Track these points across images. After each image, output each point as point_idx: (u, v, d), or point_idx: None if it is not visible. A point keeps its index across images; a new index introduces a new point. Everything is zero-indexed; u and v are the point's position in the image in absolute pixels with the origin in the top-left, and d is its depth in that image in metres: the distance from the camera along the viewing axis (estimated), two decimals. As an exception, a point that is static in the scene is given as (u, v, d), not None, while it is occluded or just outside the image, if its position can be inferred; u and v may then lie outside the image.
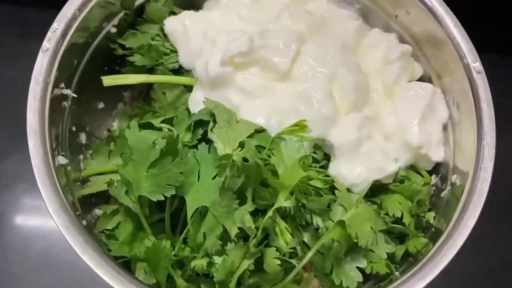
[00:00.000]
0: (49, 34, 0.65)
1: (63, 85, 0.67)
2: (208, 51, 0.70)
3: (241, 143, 0.62)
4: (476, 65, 0.66)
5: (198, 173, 0.62)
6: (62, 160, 0.66)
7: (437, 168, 0.73)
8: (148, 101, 0.79)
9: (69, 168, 0.68)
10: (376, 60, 0.74)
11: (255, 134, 0.64)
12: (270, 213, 0.60)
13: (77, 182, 0.71)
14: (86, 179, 0.73)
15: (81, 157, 0.74)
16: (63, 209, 0.59)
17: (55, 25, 0.65)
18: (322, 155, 0.68)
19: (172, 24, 0.75)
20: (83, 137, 0.75)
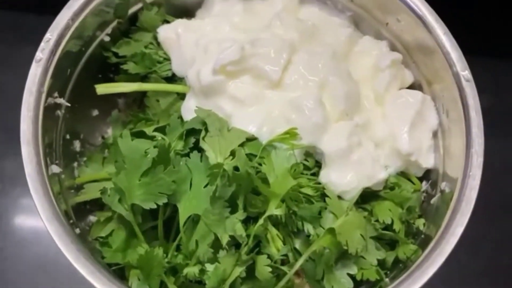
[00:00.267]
0: (42, 44, 0.65)
1: (56, 94, 0.68)
2: (200, 60, 0.70)
3: (233, 152, 0.63)
4: (465, 73, 0.67)
5: (190, 181, 0.62)
6: (55, 169, 0.66)
7: (428, 174, 0.74)
8: (142, 108, 0.80)
9: (63, 176, 0.69)
10: (367, 67, 0.74)
11: (246, 142, 0.65)
12: (261, 221, 0.61)
13: (71, 189, 0.71)
14: (80, 186, 0.73)
15: (75, 164, 0.75)
16: (56, 218, 0.59)
17: (48, 35, 0.66)
18: (313, 162, 0.68)
19: (165, 32, 0.76)
20: (77, 145, 0.76)
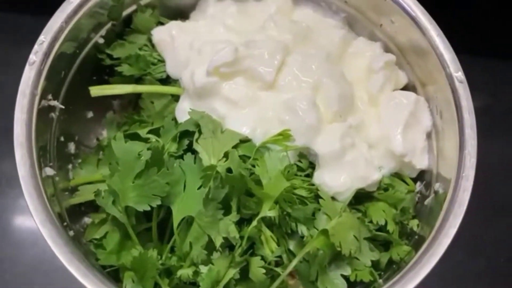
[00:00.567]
0: (36, 47, 0.65)
1: (50, 97, 0.68)
2: (194, 61, 0.70)
3: (226, 154, 0.63)
4: (458, 74, 0.67)
5: (184, 183, 0.63)
6: (49, 171, 0.66)
7: (422, 175, 0.74)
8: (137, 109, 0.80)
9: (57, 178, 0.69)
10: (361, 68, 0.74)
11: (240, 144, 0.65)
12: (255, 223, 0.61)
13: (66, 191, 0.72)
14: (75, 188, 0.73)
15: (69, 166, 0.75)
16: (49, 221, 0.59)
17: (41, 38, 0.66)
18: (307, 163, 0.69)
19: (159, 34, 0.76)
20: (71, 147, 0.76)
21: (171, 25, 0.76)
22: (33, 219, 0.59)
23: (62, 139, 0.73)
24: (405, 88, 0.77)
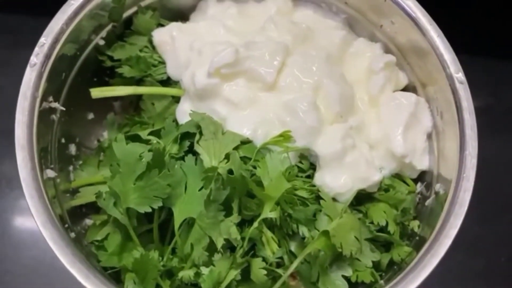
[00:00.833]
0: (37, 49, 0.65)
1: (51, 99, 0.68)
2: (195, 63, 0.70)
3: (227, 155, 0.63)
4: (458, 75, 0.67)
5: (185, 184, 0.63)
6: (50, 173, 0.67)
7: (423, 176, 0.74)
8: (138, 111, 0.80)
9: (58, 180, 0.69)
10: (361, 69, 0.75)
11: (241, 145, 0.65)
12: (256, 224, 0.61)
13: (67, 193, 0.72)
14: (76, 190, 0.73)
15: (70, 168, 0.75)
16: (51, 222, 0.59)
17: (42, 40, 0.66)
18: (308, 165, 0.69)
19: (160, 35, 0.76)
20: (72, 148, 0.76)
21: (172, 26, 0.76)
22: (35, 221, 0.59)
23: (63, 140, 0.73)
24: (406, 89, 0.77)
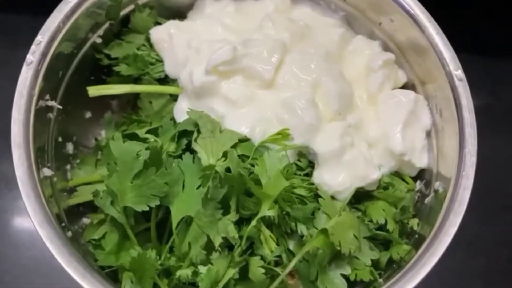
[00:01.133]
0: (33, 47, 0.65)
1: (48, 97, 0.68)
2: (192, 61, 0.70)
3: (225, 153, 0.63)
4: (458, 72, 0.67)
5: (182, 183, 0.62)
6: (47, 172, 0.66)
7: (422, 174, 0.73)
8: (135, 109, 0.79)
9: (55, 179, 0.68)
10: (360, 67, 0.74)
11: (239, 143, 0.65)
12: (254, 222, 0.61)
13: (64, 192, 0.71)
14: (73, 188, 0.73)
15: (68, 167, 0.74)
16: (47, 222, 0.59)
17: (39, 38, 0.65)
18: (306, 163, 0.68)
19: (157, 33, 0.76)
20: (70, 147, 0.76)
21: (169, 24, 0.76)
22: (31, 220, 0.59)
23: (60, 139, 0.73)
24: (405, 86, 0.76)
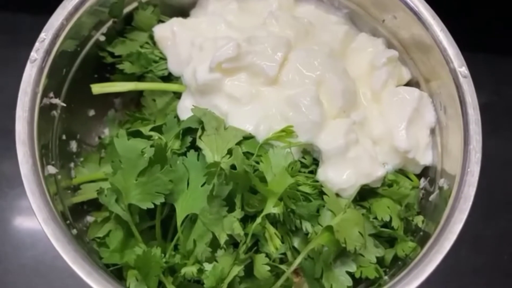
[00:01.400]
0: (37, 44, 0.65)
1: (52, 95, 0.68)
2: (196, 58, 0.70)
3: (230, 150, 0.63)
4: (462, 69, 0.67)
5: (187, 180, 0.62)
6: (51, 169, 0.66)
7: (426, 171, 0.73)
8: (139, 107, 0.79)
9: (59, 176, 0.68)
10: (363, 64, 0.74)
11: (243, 140, 0.65)
12: (259, 220, 0.61)
13: (68, 190, 0.71)
14: (77, 186, 0.73)
15: (71, 165, 0.74)
16: (52, 219, 0.59)
17: (43, 35, 0.65)
18: (310, 160, 0.68)
19: (161, 31, 0.76)
20: (73, 145, 0.76)
21: (173, 22, 0.75)
22: (36, 217, 0.59)
23: (64, 137, 0.73)
24: (409, 84, 0.76)
